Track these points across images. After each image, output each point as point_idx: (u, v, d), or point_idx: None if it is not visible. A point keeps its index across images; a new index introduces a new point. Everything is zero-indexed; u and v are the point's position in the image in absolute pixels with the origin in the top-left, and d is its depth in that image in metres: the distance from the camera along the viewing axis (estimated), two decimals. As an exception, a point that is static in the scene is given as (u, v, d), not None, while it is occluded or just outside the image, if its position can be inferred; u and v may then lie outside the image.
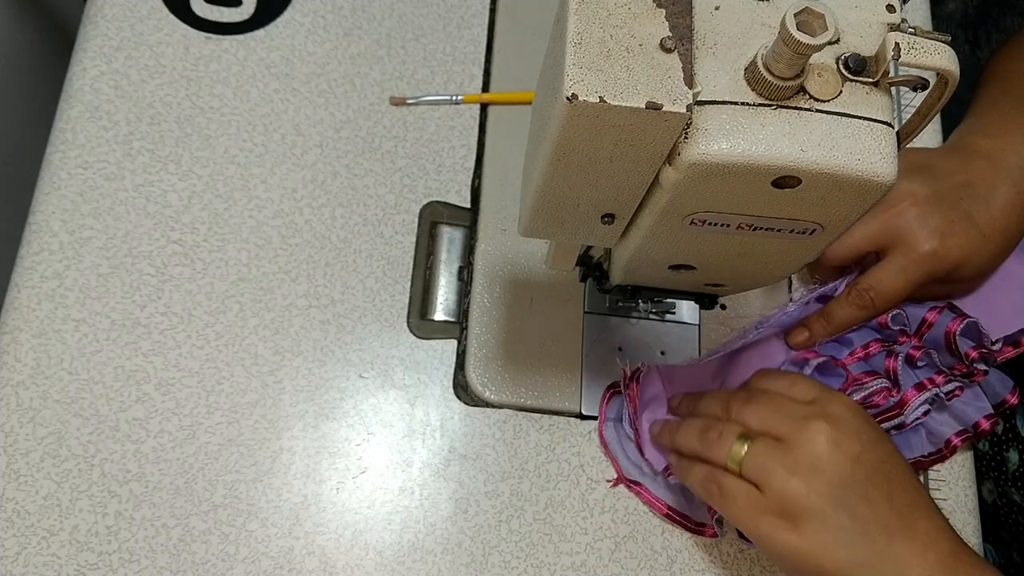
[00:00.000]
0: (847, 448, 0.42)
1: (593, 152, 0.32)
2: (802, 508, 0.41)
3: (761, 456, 0.43)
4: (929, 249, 0.48)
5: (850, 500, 0.42)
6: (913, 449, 0.53)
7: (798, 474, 0.42)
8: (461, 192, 0.59)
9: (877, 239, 0.49)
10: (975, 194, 0.50)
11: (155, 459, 0.50)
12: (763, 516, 0.43)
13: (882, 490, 0.42)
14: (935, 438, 0.54)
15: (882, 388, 0.50)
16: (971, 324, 0.51)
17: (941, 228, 0.48)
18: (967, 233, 0.49)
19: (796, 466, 0.42)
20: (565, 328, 0.56)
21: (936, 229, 0.48)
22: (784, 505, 0.42)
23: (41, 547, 0.48)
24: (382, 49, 0.61)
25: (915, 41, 0.32)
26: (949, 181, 0.50)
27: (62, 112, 0.56)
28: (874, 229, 0.49)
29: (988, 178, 0.51)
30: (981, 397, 0.53)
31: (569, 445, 0.54)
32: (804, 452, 0.42)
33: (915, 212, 0.48)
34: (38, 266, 0.53)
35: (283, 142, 0.58)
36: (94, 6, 0.59)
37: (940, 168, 0.51)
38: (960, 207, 0.49)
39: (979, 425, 0.53)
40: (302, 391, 0.53)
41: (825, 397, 0.45)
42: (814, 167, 0.31)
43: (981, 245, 0.50)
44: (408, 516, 0.51)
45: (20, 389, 0.51)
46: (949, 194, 0.49)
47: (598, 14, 0.31)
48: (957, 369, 0.52)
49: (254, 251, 0.55)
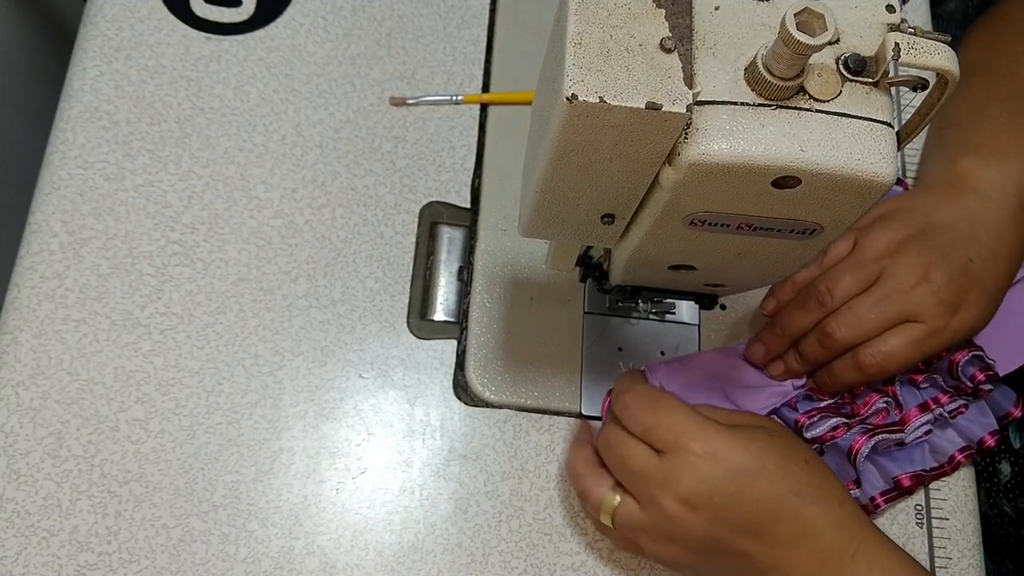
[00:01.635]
0: (699, 518, 0.42)
1: (593, 152, 0.32)
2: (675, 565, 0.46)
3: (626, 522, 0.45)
4: (945, 324, 0.48)
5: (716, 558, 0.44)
6: (915, 463, 0.53)
7: (662, 543, 0.44)
8: (461, 192, 0.59)
9: (893, 319, 0.49)
10: (981, 248, 0.50)
11: (155, 459, 0.50)
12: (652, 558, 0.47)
13: (750, 535, 0.43)
14: (938, 454, 0.53)
15: (881, 409, 0.50)
16: (975, 356, 0.51)
17: (956, 302, 0.49)
18: (979, 302, 0.49)
19: (659, 536, 0.44)
20: (565, 328, 0.56)
21: (952, 304, 0.48)
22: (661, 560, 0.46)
23: (41, 547, 0.48)
24: (382, 49, 0.61)
25: (915, 41, 0.32)
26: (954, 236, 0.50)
27: (62, 112, 0.56)
28: (890, 313, 0.48)
29: (992, 222, 0.51)
30: (987, 413, 0.53)
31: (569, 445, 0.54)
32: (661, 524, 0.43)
33: (928, 289, 0.48)
34: (38, 266, 0.53)
35: (283, 142, 0.58)
36: (94, 6, 0.59)
37: (941, 223, 0.50)
38: (970, 272, 0.49)
39: (984, 442, 0.53)
40: (302, 391, 0.53)
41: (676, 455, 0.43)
42: (814, 167, 0.31)
43: (992, 306, 0.50)
44: (408, 516, 0.51)
45: (20, 389, 0.51)
46: (955, 254, 0.49)
47: (598, 14, 0.31)
48: (963, 388, 0.52)
49: (254, 251, 0.55)
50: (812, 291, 0.50)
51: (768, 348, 0.52)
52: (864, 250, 0.50)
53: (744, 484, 0.42)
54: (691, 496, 0.42)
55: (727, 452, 0.42)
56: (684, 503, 0.42)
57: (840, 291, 0.49)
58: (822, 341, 0.49)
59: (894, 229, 0.50)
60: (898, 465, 0.52)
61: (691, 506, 0.42)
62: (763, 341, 0.52)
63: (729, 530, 0.43)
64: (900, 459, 0.52)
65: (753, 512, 0.42)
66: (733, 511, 0.42)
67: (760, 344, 0.52)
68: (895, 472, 0.52)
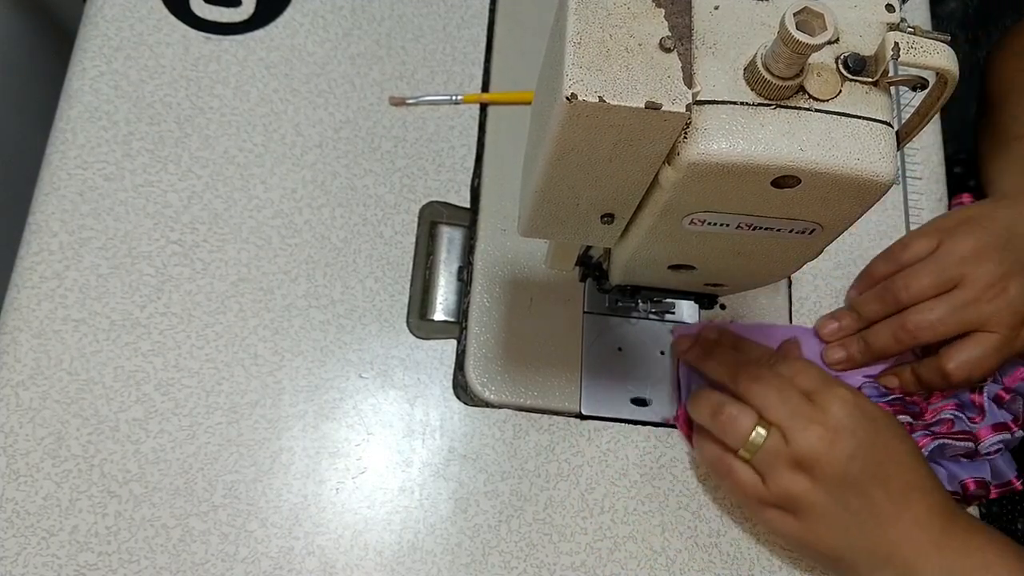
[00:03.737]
0: (842, 448, 0.45)
1: (592, 152, 0.32)
2: (801, 503, 0.46)
3: (770, 453, 0.47)
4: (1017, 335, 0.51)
5: (846, 495, 0.46)
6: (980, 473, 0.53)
7: (798, 473, 0.46)
8: (461, 192, 0.58)
9: (968, 326, 0.51)
10: None
11: (155, 459, 0.50)
12: (765, 506, 0.48)
13: (878, 480, 0.46)
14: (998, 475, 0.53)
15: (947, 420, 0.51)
16: None
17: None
18: None
19: (798, 464, 0.46)
20: (565, 328, 0.56)
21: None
22: (785, 499, 0.47)
23: (41, 547, 0.48)
24: (382, 49, 0.61)
25: (914, 41, 0.32)
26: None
27: (62, 112, 0.56)
28: (967, 320, 0.51)
29: None
30: None
31: (569, 445, 0.54)
32: (803, 451, 0.45)
33: (1004, 300, 0.51)
34: (38, 266, 0.53)
35: (283, 142, 0.58)
36: (94, 6, 0.59)
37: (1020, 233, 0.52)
38: None
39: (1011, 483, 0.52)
40: (302, 391, 0.53)
41: (825, 392, 0.47)
42: (813, 167, 0.31)
43: None
44: (408, 516, 0.51)
45: (20, 389, 0.51)
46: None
47: (597, 14, 0.31)
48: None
49: (254, 251, 0.55)
50: (891, 285, 0.53)
51: (840, 325, 0.55)
52: (948, 253, 0.52)
53: (878, 428, 0.46)
54: (839, 426, 0.45)
55: (863, 401, 0.47)
56: (832, 431, 0.45)
57: (916, 290, 0.52)
58: (896, 334, 0.52)
59: (978, 236, 0.52)
60: (964, 470, 0.52)
61: (837, 434, 0.45)
62: (837, 319, 0.55)
63: (862, 468, 0.45)
64: (967, 467, 0.52)
65: (883, 455, 0.46)
66: (869, 449, 0.45)
67: (833, 320, 0.56)
68: (963, 476, 0.52)
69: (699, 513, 0.53)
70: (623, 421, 0.54)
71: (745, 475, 0.48)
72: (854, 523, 0.45)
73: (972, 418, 0.52)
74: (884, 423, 0.47)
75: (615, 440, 0.54)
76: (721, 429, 0.48)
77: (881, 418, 0.47)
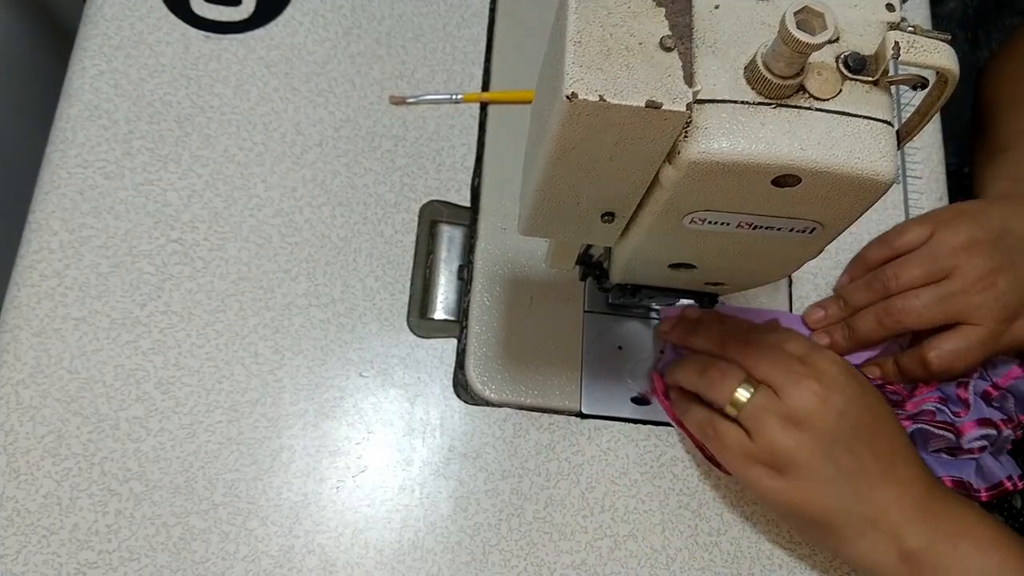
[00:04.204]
0: (833, 404, 0.45)
1: (593, 151, 0.32)
2: (790, 460, 0.45)
3: (759, 407, 0.46)
4: (1003, 331, 0.51)
5: (835, 452, 0.45)
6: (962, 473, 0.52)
7: (788, 428, 0.45)
8: (461, 191, 0.59)
9: (954, 317, 0.51)
10: None
11: (155, 458, 0.50)
12: (753, 464, 0.47)
13: (865, 440, 0.46)
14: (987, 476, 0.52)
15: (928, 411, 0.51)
16: None
17: (1017, 310, 0.51)
18: None
19: (787, 420, 0.45)
20: (565, 327, 0.56)
21: (1013, 312, 0.51)
22: (773, 456, 0.46)
23: (41, 545, 0.48)
24: (382, 48, 0.61)
25: (915, 40, 0.32)
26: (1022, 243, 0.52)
27: (62, 111, 0.56)
28: (953, 311, 0.51)
29: None
30: None
31: (569, 444, 0.54)
32: (795, 407, 0.45)
33: (992, 294, 0.51)
34: (38, 265, 0.53)
35: (283, 141, 0.58)
36: (94, 6, 0.59)
37: (1016, 232, 0.52)
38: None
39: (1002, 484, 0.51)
40: (302, 390, 0.53)
41: (815, 354, 0.47)
42: (814, 166, 0.31)
43: None
44: (408, 515, 0.51)
45: (20, 388, 0.51)
46: (1022, 262, 0.51)
47: (598, 13, 0.31)
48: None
49: (254, 250, 0.55)
50: (880, 275, 0.53)
51: (827, 314, 0.55)
52: (940, 244, 0.52)
53: (865, 391, 0.47)
54: (831, 383, 0.46)
55: (850, 366, 0.48)
56: (825, 387, 0.45)
57: (906, 280, 0.52)
58: (881, 318, 0.52)
59: (972, 229, 0.52)
60: (943, 467, 0.52)
61: (829, 391, 0.45)
62: (824, 307, 0.56)
63: (853, 427, 0.45)
64: (947, 464, 0.52)
65: (871, 418, 0.46)
66: (859, 408, 0.46)
67: (820, 308, 0.56)
68: (940, 472, 0.51)
69: (699, 512, 0.53)
70: (623, 420, 0.54)
71: (731, 432, 0.47)
72: (843, 482, 0.45)
73: (956, 412, 0.51)
74: (870, 388, 0.48)
75: (615, 439, 0.54)
76: (707, 386, 0.48)
77: (867, 383, 0.48)
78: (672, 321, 0.54)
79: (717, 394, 0.47)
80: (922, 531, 0.45)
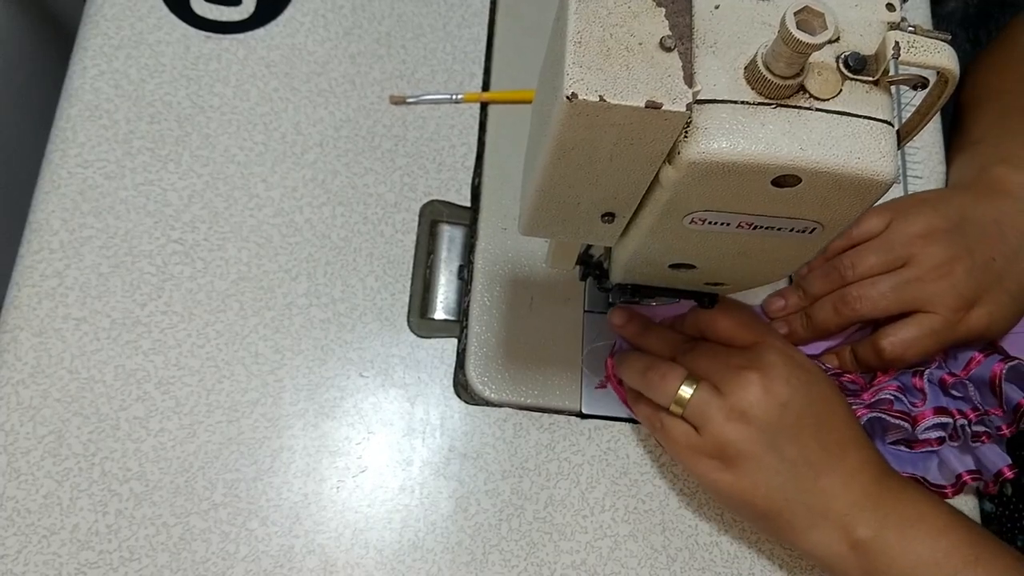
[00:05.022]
0: (777, 394, 0.45)
1: (593, 151, 0.32)
2: (735, 452, 0.45)
3: (702, 402, 0.46)
4: (959, 319, 0.50)
5: (779, 442, 0.45)
6: (918, 469, 0.52)
7: (732, 420, 0.45)
8: (461, 191, 0.59)
9: (910, 305, 0.50)
10: (1007, 248, 0.51)
11: (155, 458, 0.50)
12: (700, 457, 0.47)
13: (811, 430, 0.45)
14: (946, 471, 0.52)
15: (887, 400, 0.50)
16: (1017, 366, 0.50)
17: (973, 298, 0.50)
18: (998, 300, 0.51)
19: (731, 412, 0.45)
20: (565, 327, 0.56)
21: (969, 300, 0.50)
22: (719, 448, 0.46)
23: (42, 545, 0.48)
24: (382, 48, 0.61)
25: (915, 40, 0.32)
26: (982, 234, 0.51)
27: (62, 111, 0.56)
28: (908, 298, 0.50)
29: (1021, 225, 0.52)
30: None
31: (569, 444, 0.54)
32: (738, 400, 0.45)
33: (948, 282, 0.50)
34: (38, 265, 0.53)
35: (283, 141, 0.58)
36: (94, 6, 0.59)
37: (974, 220, 0.52)
38: (992, 270, 0.51)
39: (1002, 473, 0.50)
40: (302, 390, 0.53)
41: (762, 344, 0.47)
42: (814, 166, 0.31)
43: (1009, 310, 0.51)
44: (408, 515, 0.51)
45: (20, 388, 0.51)
46: (981, 252, 0.51)
47: (598, 13, 0.31)
48: (993, 413, 0.51)
49: (254, 250, 0.55)
50: (837, 263, 0.53)
51: (787, 303, 0.55)
52: (897, 232, 0.52)
53: (812, 380, 0.46)
54: (774, 374, 0.45)
55: (797, 353, 0.48)
56: (767, 378, 0.45)
57: (863, 268, 0.52)
58: (837, 307, 0.52)
59: (930, 218, 0.52)
60: (900, 465, 0.51)
61: (772, 382, 0.45)
62: (784, 296, 0.55)
63: (798, 417, 0.45)
64: (903, 459, 0.52)
65: (819, 407, 0.46)
66: (804, 398, 0.45)
67: (780, 298, 0.55)
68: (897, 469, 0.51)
69: (700, 512, 0.53)
70: (624, 420, 0.54)
71: (678, 427, 0.47)
72: (790, 473, 0.45)
73: (913, 402, 0.50)
74: (817, 376, 0.47)
75: (616, 439, 0.54)
76: (649, 387, 0.48)
77: (815, 371, 0.47)
78: (626, 315, 0.53)
79: (660, 396, 0.47)
80: (872, 519, 0.44)
